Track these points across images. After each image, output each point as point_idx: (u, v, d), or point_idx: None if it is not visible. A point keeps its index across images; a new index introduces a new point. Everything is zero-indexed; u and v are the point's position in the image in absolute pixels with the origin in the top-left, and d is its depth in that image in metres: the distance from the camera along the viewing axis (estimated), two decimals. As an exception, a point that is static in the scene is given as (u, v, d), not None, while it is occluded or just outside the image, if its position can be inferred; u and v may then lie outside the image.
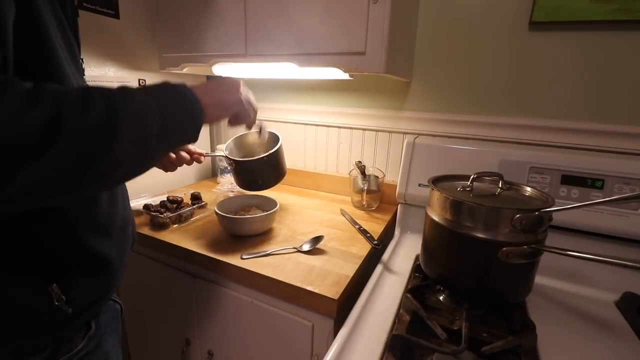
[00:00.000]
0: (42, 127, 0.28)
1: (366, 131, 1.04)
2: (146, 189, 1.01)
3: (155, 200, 0.90)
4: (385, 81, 0.98)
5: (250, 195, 0.89)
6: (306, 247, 0.72)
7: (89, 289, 0.45)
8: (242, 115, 0.54)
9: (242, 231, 0.78)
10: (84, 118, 0.30)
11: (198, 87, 0.44)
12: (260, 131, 0.79)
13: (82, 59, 0.49)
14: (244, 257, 0.69)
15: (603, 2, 0.70)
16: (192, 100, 0.42)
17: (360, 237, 0.80)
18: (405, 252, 0.77)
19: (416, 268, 0.67)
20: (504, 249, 0.49)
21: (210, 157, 1.30)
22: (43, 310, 0.41)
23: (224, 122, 1.29)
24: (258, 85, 1.19)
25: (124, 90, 0.35)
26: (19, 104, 0.28)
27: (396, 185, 0.88)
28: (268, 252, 0.70)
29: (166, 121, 0.37)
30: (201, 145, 1.24)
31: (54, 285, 0.41)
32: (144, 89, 0.38)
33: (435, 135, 0.93)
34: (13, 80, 0.29)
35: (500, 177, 0.58)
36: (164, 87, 0.40)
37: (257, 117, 0.62)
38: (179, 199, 0.89)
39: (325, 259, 0.69)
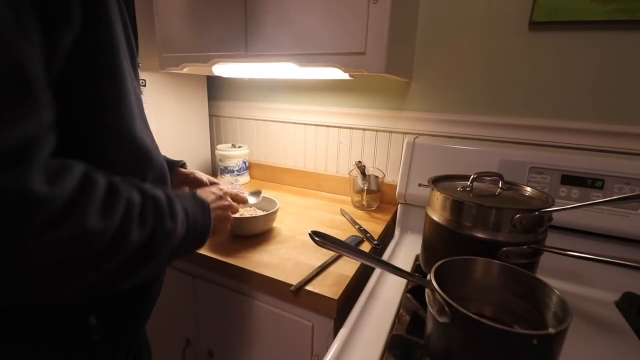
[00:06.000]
0: (111, 238, 0.31)
1: (366, 131, 1.04)
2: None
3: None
4: (385, 81, 0.98)
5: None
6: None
7: (127, 317, 0.44)
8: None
9: (242, 231, 0.78)
10: (137, 238, 0.34)
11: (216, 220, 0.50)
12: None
13: (139, 63, 0.48)
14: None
15: (603, 2, 0.70)
16: (206, 236, 0.48)
17: (361, 237, 0.80)
18: (405, 252, 0.77)
19: (416, 268, 0.67)
20: (504, 249, 0.49)
21: (209, 156, 1.30)
22: (81, 345, 0.39)
23: (223, 123, 1.29)
24: (258, 85, 1.19)
25: (174, 216, 0.39)
26: (96, 208, 0.30)
27: (396, 185, 0.88)
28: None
29: (186, 249, 0.43)
30: (201, 145, 1.24)
31: (92, 317, 0.39)
32: (185, 213, 0.42)
33: (435, 135, 0.93)
34: (96, 178, 0.32)
35: (500, 177, 0.58)
36: (199, 218, 0.46)
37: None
38: (179, 199, 0.89)
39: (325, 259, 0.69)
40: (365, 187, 0.96)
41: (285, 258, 0.69)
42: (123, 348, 0.44)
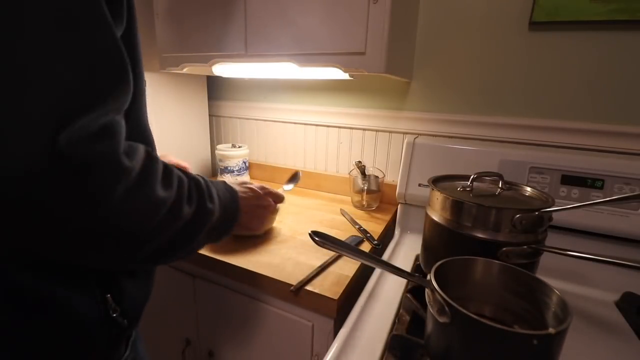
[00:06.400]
0: (169, 209, 0.36)
1: (366, 131, 1.04)
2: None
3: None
4: (385, 81, 0.98)
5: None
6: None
7: (137, 295, 0.45)
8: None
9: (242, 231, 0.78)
10: (186, 213, 0.39)
11: (244, 207, 0.56)
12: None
13: None
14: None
15: (603, 2, 0.70)
16: (234, 222, 0.54)
17: (361, 237, 0.80)
18: (405, 252, 0.77)
19: (416, 268, 0.67)
20: (504, 249, 0.49)
21: (209, 156, 1.30)
22: (102, 321, 0.40)
23: (223, 123, 1.29)
24: (258, 85, 1.19)
25: (212, 198, 0.46)
26: (159, 181, 0.36)
27: (396, 185, 0.88)
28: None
29: (218, 232, 0.50)
30: (201, 144, 1.24)
31: (108, 295, 0.40)
32: (219, 197, 0.48)
33: (435, 135, 0.93)
34: (156, 156, 0.37)
35: (500, 177, 0.58)
36: (232, 207, 0.52)
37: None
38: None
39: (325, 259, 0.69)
40: (365, 187, 0.96)
41: (286, 258, 0.69)
42: (133, 326, 0.45)
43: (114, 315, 0.40)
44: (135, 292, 0.44)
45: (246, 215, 0.58)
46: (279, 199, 0.70)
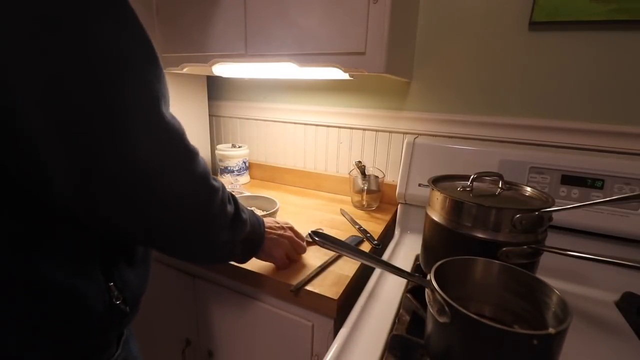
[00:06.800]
0: (220, 197, 0.44)
1: (366, 131, 1.04)
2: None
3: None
4: (385, 81, 0.98)
5: (250, 196, 0.89)
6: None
7: (136, 284, 0.46)
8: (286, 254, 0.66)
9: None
10: (230, 211, 0.47)
11: (268, 235, 0.61)
12: None
13: None
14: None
15: (603, 2, 0.70)
16: (260, 244, 0.58)
17: (361, 237, 0.80)
18: (405, 252, 0.77)
19: (416, 268, 0.67)
20: (504, 249, 0.49)
21: (209, 156, 1.30)
22: (107, 308, 0.41)
23: (223, 123, 1.29)
24: (258, 85, 1.19)
25: (244, 211, 0.52)
26: (225, 202, 0.46)
27: (396, 185, 0.88)
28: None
29: (244, 249, 0.55)
30: (201, 144, 1.24)
31: (112, 284, 0.42)
32: (248, 216, 0.53)
33: (435, 135, 0.93)
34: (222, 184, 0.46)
35: (500, 177, 0.58)
36: (259, 229, 0.57)
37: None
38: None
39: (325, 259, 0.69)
40: (365, 187, 0.96)
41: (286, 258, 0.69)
42: (134, 314, 0.47)
43: (117, 302, 0.42)
44: (135, 281, 0.46)
45: (269, 241, 0.60)
46: (299, 245, 0.68)
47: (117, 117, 0.32)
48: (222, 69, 0.91)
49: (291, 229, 0.67)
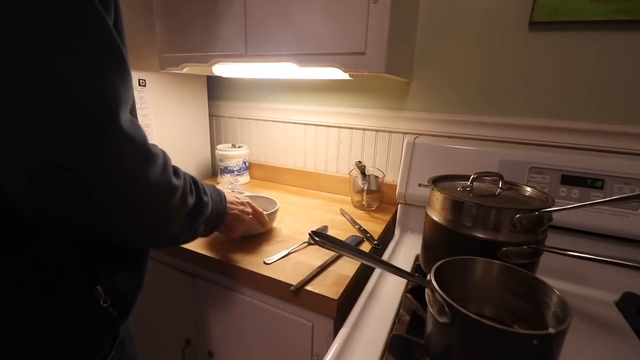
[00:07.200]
0: (181, 194, 0.43)
1: (366, 131, 1.04)
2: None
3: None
4: (385, 81, 0.98)
5: (250, 196, 0.89)
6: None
7: (127, 287, 0.46)
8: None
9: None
10: (190, 201, 0.46)
11: (231, 211, 0.63)
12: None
13: None
14: (267, 261, 0.67)
15: (603, 2, 0.70)
16: (222, 218, 0.60)
17: (361, 237, 0.80)
18: (405, 252, 0.77)
19: (416, 268, 0.67)
20: (504, 249, 0.49)
21: (209, 156, 1.30)
22: (92, 312, 0.41)
23: (223, 123, 1.29)
24: (258, 85, 1.19)
25: (206, 193, 0.52)
26: (187, 195, 0.45)
27: (396, 185, 0.88)
28: (288, 252, 0.71)
29: (209, 226, 0.55)
30: (201, 144, 1.24)
31: (99, 287, 0.41)
32: (210, 195, 0.54)
33: (435, 135, 0.93)
34: (166, 155, 0.43)
35: (500, 177, 0.58)
36: (221, 206, 0.59)
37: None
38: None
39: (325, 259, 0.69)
40: (365, 187, 0.96)
41: (286, 258, 0.69)
42: (124, 317, 0.46)
43: (105, 305, 0.42)
44: (125, 284, 0.45)
45: (231, 216, 0.63)
46: (261, 216, 0.74)
47: (69, 122, 0.30)
48: (222, 69, 0.91)
49: (249, 203, 0.71)
